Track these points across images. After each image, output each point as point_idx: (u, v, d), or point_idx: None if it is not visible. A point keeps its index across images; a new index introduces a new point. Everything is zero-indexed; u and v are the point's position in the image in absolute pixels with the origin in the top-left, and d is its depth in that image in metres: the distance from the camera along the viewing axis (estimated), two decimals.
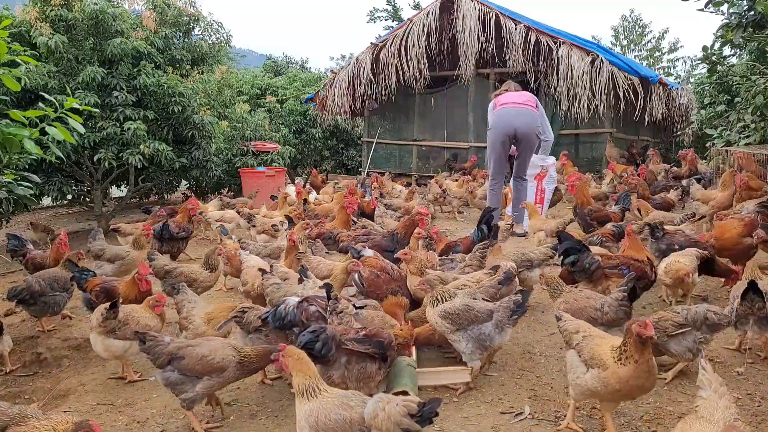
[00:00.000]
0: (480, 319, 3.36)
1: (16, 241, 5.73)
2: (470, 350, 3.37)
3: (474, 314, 3.36)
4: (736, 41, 8.40)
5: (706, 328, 3.31)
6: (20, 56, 3.93)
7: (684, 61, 32.08)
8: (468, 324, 3.36)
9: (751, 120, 8.42)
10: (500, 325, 3.37)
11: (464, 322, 3.36)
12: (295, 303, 3.61)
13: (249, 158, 12.35)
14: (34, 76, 8.20)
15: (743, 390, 3.33)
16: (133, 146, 9.03)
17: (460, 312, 3.38)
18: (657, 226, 5.09)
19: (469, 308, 3.39)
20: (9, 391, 4.09)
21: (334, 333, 3.03)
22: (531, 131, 7.37)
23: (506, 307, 3.39)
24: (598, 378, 2.72)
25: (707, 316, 3.30)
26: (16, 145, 3.52)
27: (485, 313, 3.38)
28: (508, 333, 3.47)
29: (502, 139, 7.39)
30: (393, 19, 26.84)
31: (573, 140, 13.74)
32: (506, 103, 7.46)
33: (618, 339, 2.79)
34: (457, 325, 3.37)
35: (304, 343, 2.93)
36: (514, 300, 3.41)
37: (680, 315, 3.37)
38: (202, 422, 3.25)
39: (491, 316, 3.38)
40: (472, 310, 3.38)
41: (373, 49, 14.24)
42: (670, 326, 3.34)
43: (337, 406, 2.43)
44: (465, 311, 3.38)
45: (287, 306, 3.58)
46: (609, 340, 2.88)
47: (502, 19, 12.70)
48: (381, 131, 15.63)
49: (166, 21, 10.71)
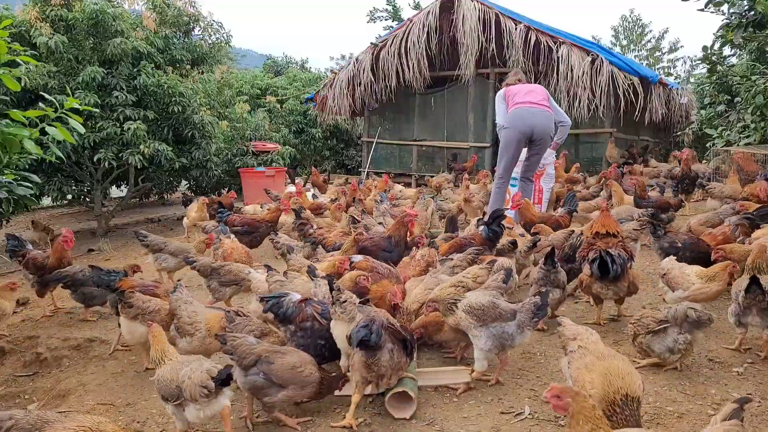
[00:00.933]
0: (504, 318, 3.41)
1: (15, 241, 5.72)
2: (488, 348, 3.38)
3: (498, 312, 3.41)
4: (736, 41, 8.42)
5: (687, 326, 3.39)
6: (20, 56, 3.93)
7: (684, 61, 32.18)
8: (491, 321, 3.39)
9: (751, 120, 8.44)
10: (522, 326, 3.42)
11: (488, 318, 3.39)
12: (297, 300, 3.62)
13: (249, 158, 12.36)
14: (34, 76, 8.20)
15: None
16: (133, 146, 9.03)
17: (485, 308, 3.40)
18: (658, 225, 5.07)
19: (495, 305, 3.43)
20: (9, 391, 4.09)
21: (382, 320, 3.11)
22: (547, 134, 7.24)
23: (528, 309, 3.44)
24: None
25: (687, 313, 3.37)
26: (16, 145, 3.52)
27: (509, 312, 3.43)
28: (528, 335, 3.50)
29: (519, 138, 7.18)
30: (393, 19, 26.85)
31: (573, 140, 13.73)
32: (523, 103, 7.19)
33: (615, 368, 2.54)
34: (481, 321, 3.40)
35: (360, 339, 2.99)
36: (534, 302, 3.46)
37: (661, 312, 3.52)
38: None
39: (515, 316, 3.42)
40: (497, 308, 3.42)
41: (373, 49, 14.24)
42: (651, 322, 3.50)
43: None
44: (491, 308, 3.41)
45: (290, 300, 3.59)
46: (605, 363, 2.58)
47: (502, 19, 12.70)
48: (381, 131, 15.63)
49: (166, 21, 10.72)
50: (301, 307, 3.58)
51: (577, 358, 2.70)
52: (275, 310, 3.56)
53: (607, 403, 2.40)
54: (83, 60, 9.12)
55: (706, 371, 3.59)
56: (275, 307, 3.56)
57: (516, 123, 7.17)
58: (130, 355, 4.44)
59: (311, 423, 3.20)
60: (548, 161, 8.38)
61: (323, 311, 3.59)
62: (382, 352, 3.05)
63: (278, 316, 3.56)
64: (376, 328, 3.02)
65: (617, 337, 4.17)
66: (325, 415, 3.27)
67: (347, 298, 3.42)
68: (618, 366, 2.54)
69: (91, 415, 2.68)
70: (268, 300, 3.62)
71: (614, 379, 2.45)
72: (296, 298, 3.65)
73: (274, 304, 3.57)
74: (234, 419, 3.23)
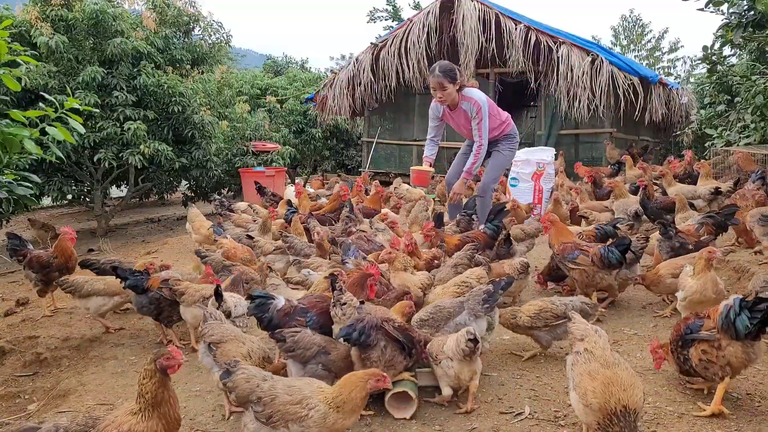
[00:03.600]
0: (453, 314, 3.60)
1: (17, 240, 5.72)
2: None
3: (446, 312, 3.60)
4: (736, 41, 8.42)
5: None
6: (20, 56, 3.92)
7: (684, 61, 32.20)
8: (444, 323, 3.60)
9: (751, 120, 8.43)
10: (474, 313, 3.53)
11: (441, 322, 3.57)
12: (281, 306, 3.52)
13: (249, 158, 12.37)
14: (35, 76, 8.21)
15: (743, 390, 3.33)
16: (133, 146, 9.04)
17: (433, 315, 3.57)
18: (669, 225, 5.04)
19: (440, 308, 3.61)
20: (9, 391, 4.09)
21: (373, 322, 3.13)
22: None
23: (476, 296, 3.58)
24: (576, 407, 2.66)
25: (582, 307, 3.73)
26: (16, 145, 3.52)
27: (456, 306, 3.62)
28: (484, 323, 3.53)
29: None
30: (393, 19, 26.85)
31: (573, 140, 13.74)
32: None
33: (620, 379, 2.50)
34: (435, 328, 3.56)
35: (342, 336, 3.11)
36: (486, 290, 3.57)
37: (559, 308, 3.70)
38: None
39: (462, 307, 3.60)
40: (443, 309, 3.60)
41: (373, 49, 14.24)
42: (551, 317, 3.68)
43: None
44: (437, 312, 3.58)
45: (276, 305, 3.51)
46: (608, 373, 2.53)
47: (502, 19, 12.71)
48: (381, 131, 15.63)
49: (166, 21, 10.72)
50: (282, 313, 3.48)
51: (581, 363, 2.68)
52: (258, 314, 3.49)
53: (606, 414, 2.42)
54: (83, 60, 9.13)
55: None
56: (259, 311, 3.49)
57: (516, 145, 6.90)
58: (130, 355, 4.44)
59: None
60: (548, 161, 8.38)
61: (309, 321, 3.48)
62: (373, 349, 3.10)
63: (263, 320, 3.48)
64: (361, 326, 3.08)
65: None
66: None
67: (347, 299, 3.42)
68: (622, 377, 2.52)
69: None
70: (256, 298, 3.52)
71: (616, 390, 2.45)
72: (281, 303, 3.53)
73: (259, 307, 3.49)
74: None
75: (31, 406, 3.79)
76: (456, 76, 6.01)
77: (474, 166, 6.26)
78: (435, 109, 6.46)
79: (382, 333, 3.13)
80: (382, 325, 3.15)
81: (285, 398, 2.55)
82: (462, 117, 6.28)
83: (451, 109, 6.27)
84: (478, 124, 6.15)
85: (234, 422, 3.28)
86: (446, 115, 6.43)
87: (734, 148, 8.43)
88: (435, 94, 6.12)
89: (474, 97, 6.12)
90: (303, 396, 2.55)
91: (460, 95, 6.13)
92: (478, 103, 6.08)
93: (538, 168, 8.26)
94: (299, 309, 3.53)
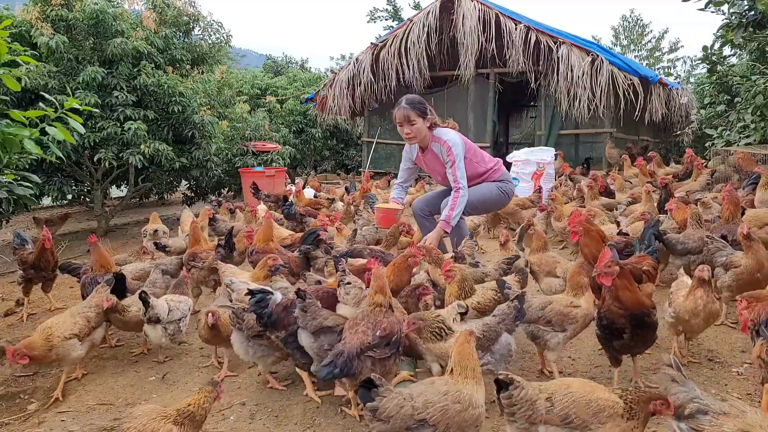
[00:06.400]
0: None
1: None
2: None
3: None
4: (737, 41, 8.43)
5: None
6: (21, 56, 3.93)
7: (684, 61, 32.17)
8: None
9: (751, 120, 8.43)
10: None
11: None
12: (279, 300, 3.39)
13: (249, 158, 12.37)
14: (35, 76, 8.20)
15: (743, 390, 3.33)
16: (134, 146, 9.03)
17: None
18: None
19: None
20: (9, 391, 4.08)
21: (352, 351, 2.92)
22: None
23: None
24: None
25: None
26: (16, 145, 3.52)
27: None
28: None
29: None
30: (393, 19, 26.86)
31: (573, 140, 13.74)
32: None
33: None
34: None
35: (324, 376, 2.91)
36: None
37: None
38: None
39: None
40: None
41: (373, 49, 14.25)
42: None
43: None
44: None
45: (274, 301, 3.39)
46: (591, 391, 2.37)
47: (502, 19, 12.72)
48: (381, 131, 15.63)
49: (166, 21, 10.71)
50: (281, 310, 3.36)
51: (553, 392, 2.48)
52: (257, 311, 3.34)
53: None
54: (83, 60, 9.12)
55: (706, 371, 3.59)
56: (258, 306, 3.34)
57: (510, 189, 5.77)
58: (130, 355, 4.44)
59: (317, 420, 3.20)
60: (548, 161, 8.39)
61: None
62: (362, 374, 2.90)
63: (262, 318, 3.35)
64: (342, 361, 2.89)
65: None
66: (325, 415, 3.27)
67: (351, 280, 3.41)
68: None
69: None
70: (254, 295, 3.38)
71: None
72: (278, 298, 3.42)
73: (257, 303, 3.35)
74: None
75: (31, 406, 3.79)
76: (426, 110, 5.16)
77: (452, 216, 5.06)
78: (409, 150, 5.56)
79: (364, 356, 2.95)
80: (361, 351, 2.94)
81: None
82: (433, 161, 5.34)
83: (422, 151, 5.39)
84: (451, 168, 5.13)
85: (234, 422, 3.28)
86: (419, 158, 5.51)
87: (734, 148, 8.43)
88: (402, 131, 5.20)
89: (444, 138, 5.15)
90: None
91: (431, 135, 5.23)
92: (447, 143, 5.10)
93: (538, 168, 8.26)
94: (296, 301, 3.35)
